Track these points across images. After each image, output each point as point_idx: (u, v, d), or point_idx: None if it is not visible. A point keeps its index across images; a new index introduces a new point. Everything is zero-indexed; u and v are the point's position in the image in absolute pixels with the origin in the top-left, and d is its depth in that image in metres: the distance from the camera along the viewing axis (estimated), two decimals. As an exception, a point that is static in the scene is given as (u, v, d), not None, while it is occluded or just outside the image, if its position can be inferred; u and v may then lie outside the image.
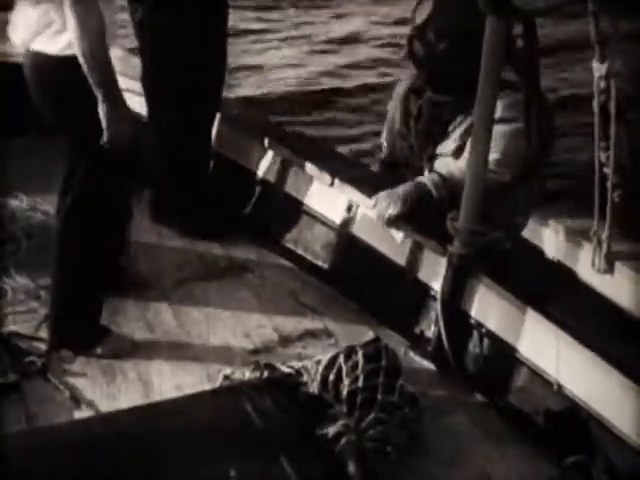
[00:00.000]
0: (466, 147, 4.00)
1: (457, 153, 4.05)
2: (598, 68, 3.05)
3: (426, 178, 3.96)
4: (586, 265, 3.36)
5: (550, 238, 3.73)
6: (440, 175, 3.94)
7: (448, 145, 4.08)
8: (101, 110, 3.45)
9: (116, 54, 3.71)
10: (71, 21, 3.36)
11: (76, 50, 3.39)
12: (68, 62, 3.42)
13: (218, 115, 4.80)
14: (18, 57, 5.07)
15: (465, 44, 3.97)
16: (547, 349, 3.47)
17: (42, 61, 3.53)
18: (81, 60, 3.39)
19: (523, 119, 3.76)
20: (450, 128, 4.10)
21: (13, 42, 3.66)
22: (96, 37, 3.37)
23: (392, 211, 3.90)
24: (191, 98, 4.48)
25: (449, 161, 4.05)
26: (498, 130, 3.71)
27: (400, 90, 4.36)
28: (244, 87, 9.25)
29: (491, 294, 3.70)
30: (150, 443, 3.11)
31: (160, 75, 4.49)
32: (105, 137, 3.49)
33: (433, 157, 4.15)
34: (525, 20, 3.57)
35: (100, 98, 3.44)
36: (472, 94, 3.96)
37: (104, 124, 3.47)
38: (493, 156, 3.73)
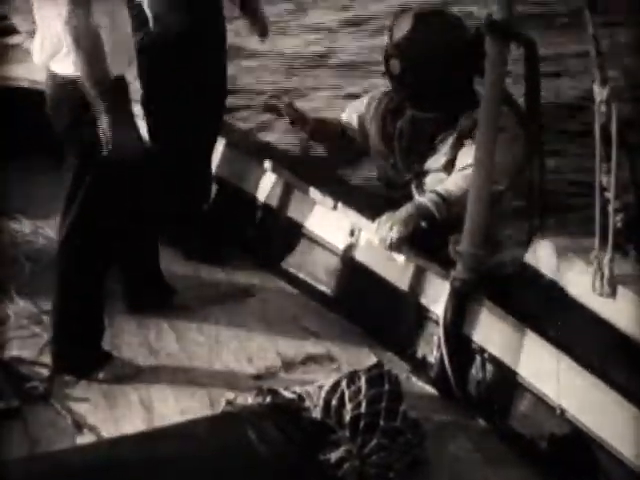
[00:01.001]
0: (457, 160, 4.01)
1: (448, 167, 4.06)
2: (599, 92, 3.06)
3: (426, 198, 3.96)
4: (587, 288, 3.36)
5: (551, 261, 3.72)
6: (438, 194, 3.94)
7: (438, 160, 4.09)
8: (102, 122, 3.50)
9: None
10: (67, 40, 3.43)
11: (75, 67, 3.46)
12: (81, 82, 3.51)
13: (222, 140, 4.82)
14: (20, 81, 5.16)
15: (446, 60, 3.99)
16: (549, 373, 3.46)
17: (59, 80, 3.60)
18: (80, 75, 3.47)
19: (525, 140, 3.77)
20: (436, 142, 4.11)
21: (35, 63, 3.74)
22: (90, 54, 3.44)
23: (394, 234, 3.89)
24: (191, 122, 4.49)
25: (442, 176, 4.06)
26: None
27: (374, 107, 4.36)
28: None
29: (493, 319, 3.70)
30: (153, 468, 3.10)
31: (159, 100, 4.50)
32: (106, 149, 3.53)
33: (421, 173, 4.16)
34: (526, 43, 3.59)
35: (101, 110, 3.49)
36: (454, 108, 3.97)
37: (105, 135, 3.51)
38: None
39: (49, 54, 3.61)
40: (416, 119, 4.17)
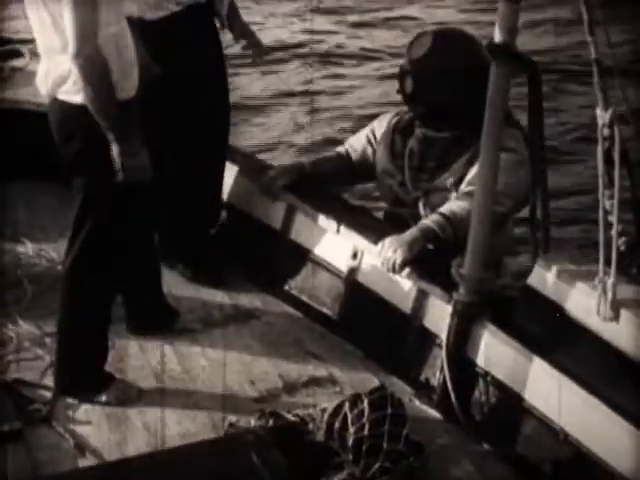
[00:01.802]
0: (465, 179, 4.02)
1: (456, 185, 4.07)
2: (602, 115, 3.07)
3: (430, 220, 3.95)
4: (590, 311, 3.36)
5: (554, 284, 3.72)
6: (443, 215, 3.94)
7: (448, 178, 4.10)
8: (114, 151, 3.51)
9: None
10: (75, 73, 3.43)
11: (84, 98, 3.46)
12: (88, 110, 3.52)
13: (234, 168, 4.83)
14: (24, 104, 5.18)
15: (461, 81, 4.00)
16: (552, 397, 3.45)
17: (66, 108, 3.59)
18: (89, 107, 3.47)
19: (529, 161, 3.77)
20: (448, 161, 4.11)
21: (40, 92, 3.73)
22: (100, 86, 3.44)
23: (398, 257, 3.88)
24: (191, 149, 4.49)
25: (450, 196, 4.06)
26: (500, 158, 3.69)
27: (382, 127, 4.38)
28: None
29: (496, 341, 3.69)
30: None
31: (158, 128, 4.50)
32: (121, 176, 3.55)
33: (430, 191, 4.16)
34: (529, 68, 3.60)
35: (112, 140, 3.50)
36: (466, 129, 3.98)
37: (119, 164, 3.53)
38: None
39: (56, 84, 3.61)
40: (427, 138, 4.19)
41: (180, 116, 4.40)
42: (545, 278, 3.68)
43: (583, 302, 3.47)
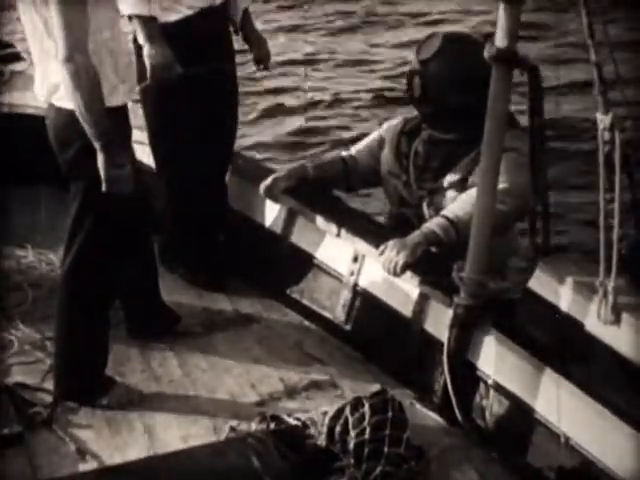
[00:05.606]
0: (469, 179, 4.02)
1: (460, 185, 4.07)
2: (602, 119, 3.07)
3: (434, 224, 3.94)
4: (591, 315, 3.35)
5: (556, 288, 3.71)
6: (446, 218, 3.93)
7: (453, 178, 4.11)
8: (99, 159, 3.50)
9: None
10: (66, 79, 3.42)
11: (72, 104, 3.46)
12: None
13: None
14: (24, 108, 5.18)
15: (469, 83, 4.01)
16: (554, 401, 3.45)
17: (64, 114, 3.59)
18: (77, 114, 3.46)
19: (529, 164, 3.77)
20: (453, 160, 4.12)
21: (37, 97, 3.73)
22: (89, 94, 3.42)
23: (400, 260, 3.87)
24: (201, 153, 4.49)
25: (454, 195, 4.06)
26: (504, 158, 3.69)
27: (389, 131, 4.40)
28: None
29: (497, 345, 3.68)
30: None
31: (166, 131, 4.50)
32: (104, 186, 3.53)
33: (434, 191, 4.16)
34: (529, 69, 3.59)
35: (97, 148, 3.49)
36: (473, 130, 3.99)
37: (102, 173, 3.51)
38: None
39: (51, 91, 3.60)
40: (433, 139, 4.21)
41: (189, 117, 4.41)
42: (546, 282, 3.68)
43: (584, 306, 3.47)
